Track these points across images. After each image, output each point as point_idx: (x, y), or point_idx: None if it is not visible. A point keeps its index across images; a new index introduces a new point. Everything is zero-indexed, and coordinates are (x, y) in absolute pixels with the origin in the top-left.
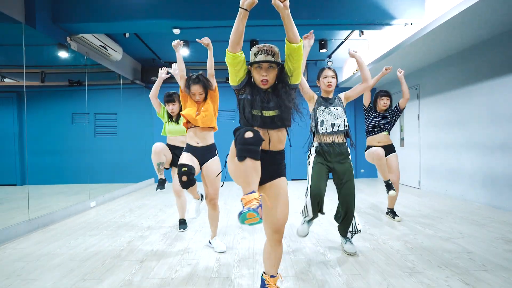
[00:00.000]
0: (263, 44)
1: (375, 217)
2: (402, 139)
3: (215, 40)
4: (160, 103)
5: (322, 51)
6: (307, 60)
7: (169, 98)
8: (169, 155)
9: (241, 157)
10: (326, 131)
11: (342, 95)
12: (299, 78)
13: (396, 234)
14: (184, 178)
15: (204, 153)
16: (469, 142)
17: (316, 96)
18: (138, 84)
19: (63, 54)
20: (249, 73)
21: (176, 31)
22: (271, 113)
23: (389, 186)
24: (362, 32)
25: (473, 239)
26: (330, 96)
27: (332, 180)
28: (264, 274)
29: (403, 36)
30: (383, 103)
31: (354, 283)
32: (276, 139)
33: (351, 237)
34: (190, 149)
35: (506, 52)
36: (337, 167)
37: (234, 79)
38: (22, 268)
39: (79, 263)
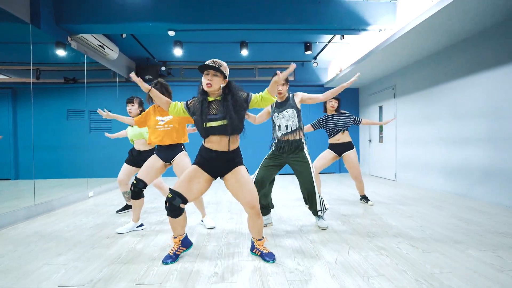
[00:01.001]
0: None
1: (352, 203)
2: (381, 136)
3: (207, 41)
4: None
5: (307, 53)
6: (294, 61)
7: (128, 99)
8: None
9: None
10: (282, 133)
11: (298, 96)
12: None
13: (365, 214)
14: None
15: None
16: (437, 137)
17: (269, 107)
18: (132, 82)
19: (63, 53)
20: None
21: (171, 33)
22: (219, 123)
23: (365, 198)
24: (343, 36)
25: (429, 217)
26: (283, 98)
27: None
28: (253, 238)
29: (378, 40)
30: (331, 104)
31: (322, 248)
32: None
33: (323, 215)
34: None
35: (464, 58)
36: (292, 161)
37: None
38: (38, 240)
39: (87, 237)
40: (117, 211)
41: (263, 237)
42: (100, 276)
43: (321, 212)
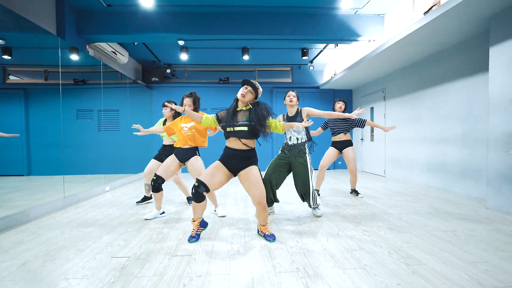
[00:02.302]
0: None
1: (343, 196)
2: (372, 135)
3: (213, 47)
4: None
5: (304, 58)
6: (292, 64)
7: (164, 103)
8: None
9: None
10: (293, 143)
11: (305, 111)
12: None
13: (354, 205)
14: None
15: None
16: (421, 136)
17: (281, 118)
18: (140, 83)
19: (81, 59)
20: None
21: (181, 42)
22: (241, 128)
23: (355, 192)
24: (336, 44)
25: (408, 207)
26: (294, 112)
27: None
28: (259, 224)
29: (369, 49)
30: (339, 106)
31: (317, 231)
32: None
33: (317, 207)
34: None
35: (443, 67)
36: (294, 162)
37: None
38: (78, 226)
39: (118, 224)
40: (137, 203)
41: (266, 223)
42: (141, 251)
43: (314, 205)
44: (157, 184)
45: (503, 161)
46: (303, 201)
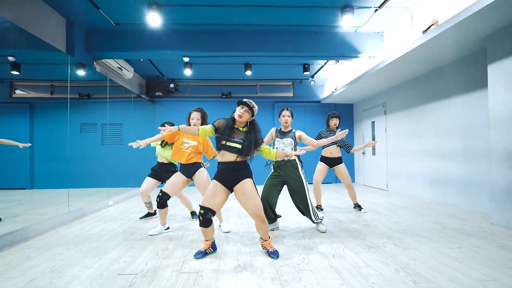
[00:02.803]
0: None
1: (347, 211)
2: (374, 148)
3: (216, 63)
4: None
5: (305, 73)
6: (293, 79)
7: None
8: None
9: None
10: (284, 160)
11: (298, 133)
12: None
13: (358, 220)
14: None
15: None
16: (422, 151)
17: (274, 132)
18: (143, 98)
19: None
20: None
21: (186, 59)
22: (236, 145)
23: (358, 207)
24: (337, 60)
25: (412, 222)
26: (287, 130)
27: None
28: (260, 239)
29: (369, 65)
30: (334, 122)
31: (322, 247)
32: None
33: (320, 222)
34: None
35: (442, 83)
36: (290, 179)
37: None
38: (83, 241)
39: (124, 238)
40: (141, 218)
41: (269, 237)
42: (148, 267)
43: (316, 220)
44: (162, 200)
45: (506, 176)
46: (304, 216)
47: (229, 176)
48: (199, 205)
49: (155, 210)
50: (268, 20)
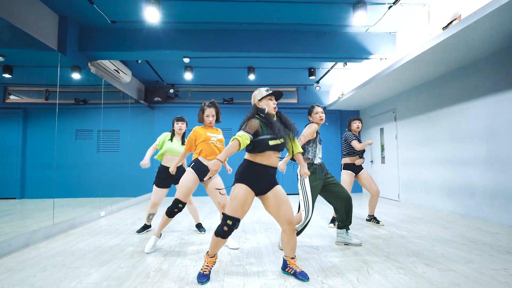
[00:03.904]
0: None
1: (363, 225)
2: (383, 157)
3: (218, 66)
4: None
5: (311, 77)
6: (297, 85)
7: (179, 118)
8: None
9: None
10: (319, 163)
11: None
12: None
13: (376, 234)
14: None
15: None
16: (438, 158)
17: (316, 131)
18: (142, 103)
19: (82, 76)
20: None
21: (186, 60)
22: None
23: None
24: (345, 63)
25: (437, 237)
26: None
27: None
28: (285, 257)
29: (379, 68)
30: (356, 125)
31: (342, 266)
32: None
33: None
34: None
35: (462, 85)
36: (328, 181)
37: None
38: (63, 260)
39: (111, 256)
40: (138, 232)
41: (295, 256)
42: None
43: (299, 227)
44: (179, 211)
45: None
46: (344, 223)
47: (266, 181)
48: (224, 214)
49: (146, 225)
50: (273, 18)
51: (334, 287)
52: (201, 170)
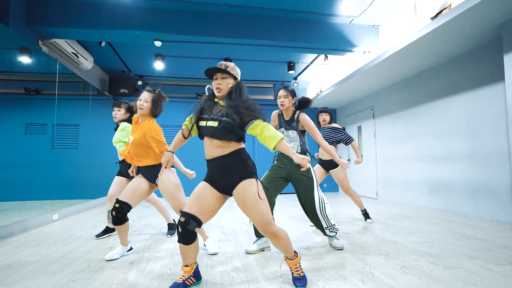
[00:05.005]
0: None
1: (349, 222)
2: (361, 155)
3: (195, 56)
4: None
5: (290, 72)
6: (275, 81)
7: (116, 103)
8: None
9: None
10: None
11: (303, 119)
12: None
13: (366, 232)
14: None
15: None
16: (418, 155)
17: (276, 116)
18: (106, 95)
19: (30, 60)
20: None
21: (158, 43)
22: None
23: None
24: (327, 56)
25: (428, 233)
26: (289, 116)
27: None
28: (284, 258)
29: (361, 63)
30: (322, 118)
31: (341, 268)
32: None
33: (335, 234)
34: None
35: (443, 80)
36: (298, 175)
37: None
38: None
39: (60, 267)
40: (97, 236)
41: (296, 255)
42: None
43: (329, 231)
44: (120, 214)
45: None
46: (313, 226)
47: (221, 177)
48: (180, 211)
49: (107, 227)
50: (255, 1)
51: None
52: (143, 172)
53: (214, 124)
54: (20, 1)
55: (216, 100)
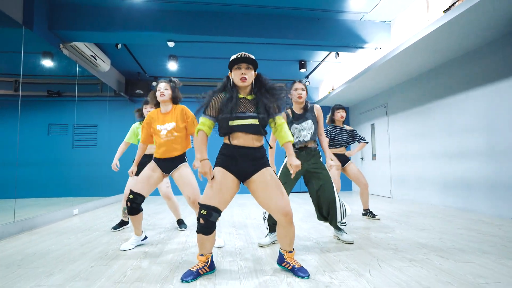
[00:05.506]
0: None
1: (359, 219)
2: (374, 154)
3: (207, 56)
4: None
5: (301, 70)
6: (286, 80)
7: (145, 100)
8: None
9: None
10: (299, 140)
11: (318, 111)
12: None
13: (376, 227)
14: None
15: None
16: (431, 152)
17: (285, 117)
18: (122, 96)
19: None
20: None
21: (171, 44)
22: (250, 121)
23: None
24: (338, 54)
25: (442, 229)
26: (302, 109)
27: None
28: (282, 250)
29: (372, 59)
30: (340, 115)
31: (349, 261)
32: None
33: (345, 226)
34: None
35: (459, 75)
36: (313, 170)
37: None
38: (21, 260)
39: (80, 255)
40: (113, 228)
41: (293, 249)
42: None
43: (342, 223)
44: (135, 204)
45: None
46: (324, 220)
47: (248, 164)
48: (199, 203)
49: (128, 219)
50: (266, 0)
51: (345, 280)
52: (160, 162)
53: (255, 122)
54: (43, 6)
55: (240, 96)
